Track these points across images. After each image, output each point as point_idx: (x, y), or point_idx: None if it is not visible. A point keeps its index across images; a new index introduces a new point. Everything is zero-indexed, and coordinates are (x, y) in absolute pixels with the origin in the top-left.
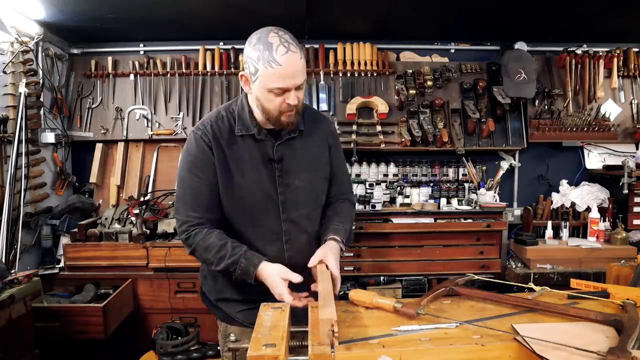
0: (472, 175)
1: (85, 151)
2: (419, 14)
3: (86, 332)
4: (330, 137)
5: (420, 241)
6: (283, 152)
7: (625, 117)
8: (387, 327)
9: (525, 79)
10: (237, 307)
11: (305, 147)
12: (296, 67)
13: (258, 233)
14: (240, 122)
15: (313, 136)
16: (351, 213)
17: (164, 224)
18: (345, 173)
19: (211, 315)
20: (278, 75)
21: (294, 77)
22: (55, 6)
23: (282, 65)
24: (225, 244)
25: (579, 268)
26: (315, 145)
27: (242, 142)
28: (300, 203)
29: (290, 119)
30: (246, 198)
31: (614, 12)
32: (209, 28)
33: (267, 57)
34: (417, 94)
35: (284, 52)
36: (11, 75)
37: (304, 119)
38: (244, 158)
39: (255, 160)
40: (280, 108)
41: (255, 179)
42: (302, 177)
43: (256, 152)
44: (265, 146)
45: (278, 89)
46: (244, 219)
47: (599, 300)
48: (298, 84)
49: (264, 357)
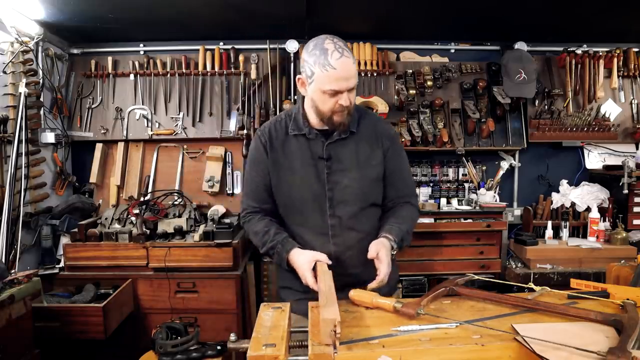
0: (472, 175)
1: (85, 151)
2: (419, 14)
3: (86, 332)
4: (386, 140)
5: (420, 241)
6: (332, 151)
7: (625, 117)
8: (387, 327)
9: (525, 79)
10: (295, 296)
11: (355, 148)
12: (349, 71)
13: (306, 227)
14: (294, 123)
15: (365, 138)
16: (411, 215)
17: (164, 224)
18: (405, 177)
19: (211, 315)
20: (332, 78)
21: (347, 79)
22: (55, 6)
23: (337, 69)
24: (269, 230)
25: (579, 268)
26: (367, 147)
27: (295, 142)
28: (348, 201)
29: (342, 119)
30: (295, 194)
31: (613, 12)
32: (209, 28)
33: (323, 62)
34: (417, 94)
35: (338, 56)
36: (11, 75)
37: (359, 122)
38: (295, 156)
39: (305, 159)
40: (333, 108)
41: (305, 176)
42: (350, 176)
43: (307, 150)
44: (316, 145)
45: (332, 91)
46: (294, 214)
47: (599, 300)
48: (350, 87)
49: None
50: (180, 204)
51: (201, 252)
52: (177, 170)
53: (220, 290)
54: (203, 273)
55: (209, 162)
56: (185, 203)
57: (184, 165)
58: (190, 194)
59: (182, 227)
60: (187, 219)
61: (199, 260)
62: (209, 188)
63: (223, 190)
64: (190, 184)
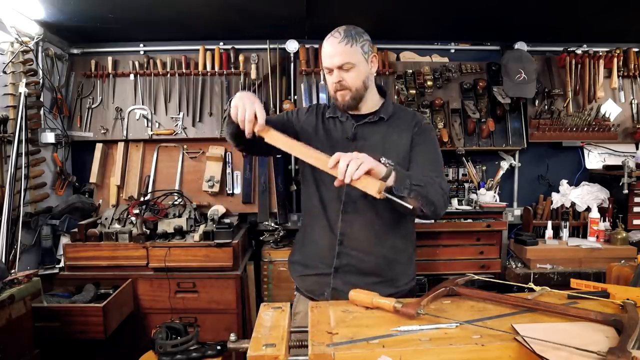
0: (472, 175)
1: (85, 151)
2: (418, 14)
3: (86, 332)
4: (417, 127)
5: (420, 241)
6: (360, 132)
7: (625, 117)
8: (387, 327)
9: (525, 79)
10: (299, 271)
11: (383, 133)
12: (333, 49)
13: (320, 197)
14: (332, 108)
15: (395, 125)
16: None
17: (164, 224)
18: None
19: (211, 315)
20: (324, 55)
21: (331, 57)
22: (55, 6)
23: (324, 47)
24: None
25: (579, 268)
26: (395, 133)
27: (332, 123)
28: None
29: (343, 100)
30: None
31: (613, 12)
32: (209, 28)
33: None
34: (417, 94)
35: (328, 37)
36: (11, 75)
37: (393, 112)
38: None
39: (337, 138)
40: (332, 87)
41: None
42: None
43: (339, 131)
44: (346, 126)
45: (325, 68)
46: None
47: (599, 300)
48: (335, 64)
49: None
50: (180, 204)
51: (201, 252)
52: (177, 170)
53: (220, 290)
54: (203, 273)
55: (209, 162)
56: (185, 203)
57: (184, 165)
58: (190, 194)
59: (182, 227)
60: (187, 219)
61: (199, 260)
62: (209, 188)
63: (223, 190)
64: (190, 184)
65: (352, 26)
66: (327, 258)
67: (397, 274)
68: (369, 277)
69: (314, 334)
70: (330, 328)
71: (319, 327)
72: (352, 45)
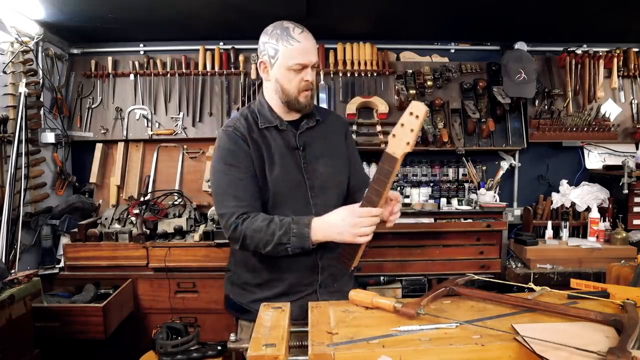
0: (472, 175)
1: (85, 151)
2: (418, 14)
3: (86, 332)
4: (345, 129)
5: (420, 241)
6: (305, 140)
7: (625, 117)
8: (387, 327)
9: (525, 79)
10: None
11: (324, 136)
12: (312, 44)
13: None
14: (262, 117)
15: (330, 127)
16: None
17: (164, 224)
18: (361, 166)
19: (211, 315)
20: (297, 51)
21: (310, 53)
22: (55, 6)
23: (301, 42)
24: (272, 219)
25: (579, 268)
26: (333, 135)
27: (269, 134)
28: (327, 188)
29: (307, 100)
30: (278, 184)
31: (613, 12)
32: (209, 28)
33: (286, 37)
34: (417, 94)
35: (300, 31)
36: (11, 75)
37: (320, 113)
38: (272, 148)
39: (282, 150)
40: (299, 87)
41: (284, 166)
42: (325, 164)
43: (281, 142)
44: (288, 136)
45: (298, 65)
46: (277, 205)
47: (599, 300)
48: (314, 61)
49: (264, 357)
50: (180, 204)
51: (201, 252)
52: (177, 170)
53: (220, 290)
54: (203, 273)
55: (209, 162)
56: (185, 203)
57: (184, 165)
58: (190, 194)
59: (182, 227)
60: (187, 219)
61: (199, 260)
62: (209, 188)
63: None
64: (190, 184)
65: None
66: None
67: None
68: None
69: (314, 334)
70: (330, 328)
71: (319, 327)
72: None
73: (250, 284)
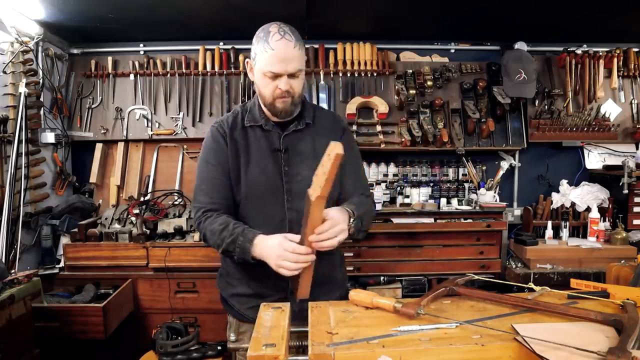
0: (472, 175)
1: (85, 151)
2: (419, 14)
3: (86, 332)
4: (341, 133)
5: (420, 241)
6: (289, 142)
7: (625, 117)
8: (387, 327)
9: (525, 79)
10: (249, 303)
11: (312, 140)
12: (287, 53)
13: (262, 220)
14: (250, 115)
15: (322, 130)
16: (366, 204)
17: (164, 224)
18: (357, 172)
19: (211, 315)
20: (270, 59)
21: (284, 62)
22: (55, 6)
23: (274, 49)
24: (227, 225)
25: (579, 268)
26: (323, 139)
27: (252, 133)
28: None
29: (284, 106)
30: (253, 185)
31: (613, 12)
32: (209, 28)
33: (263, 43)
34: (417, 94)
35: (278, 38)
36: (11, 75)
37: (315, 115)
38: (252, 147)
39: (263, 150)
40: (274, 93)
41: (262, 168)
42: (308, 168)
43: (264, 142)
44: (272, 137)
45: (270, 73)
46: (251, 207)
47: (599, 300)
48: (290, 71)
49: (264, 357)
50: (180, 204)
51: (201, 252)
52: (177, 170)
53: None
54: (203, 273)
55: None
56: (185, 203)
57: (184, 165)
58: (190, 194)
59: (182, 227)
60: (187, 219)
61: (199, 260)
62: None
63: None
64: (190, 184)
65: (288, 25)
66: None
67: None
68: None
69: (314, 334)
70: (330, 328)
71: (319, 327)
72: (301, 50)
73: (232, 276)
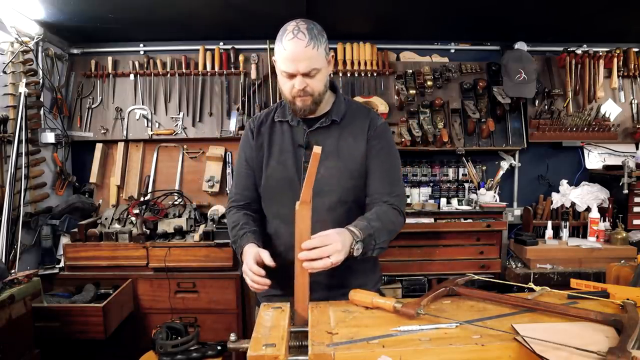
0: (472, 175)
1: (85, 151)
2: (419, 14)
3: (86, 332)
4: (372, 131)
5: (421, 241)
6: (313, 138)
7: (625, 117)
8: (387, 327)
9: (525, 79)
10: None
11: (337, 137)
12: (298, 53)
13: (276, 214)
14: (281, 110)
15: (350, 128)
16: (389, 215)
17: (164, 224)
18: (388, 172)
19: (211, 315)
20: (283, 59)
21: (296, 62)
22: (55, 6)
23: (287, 49)
24: (237, 224)
25: (579, 268)
26: (350, 138)
27: (279, 128)
28: (323, 192)
29: (304, 105)
30: (271, 179)
31: (613, 12)
32: (209, 28)
33: (279, 42)
34: (417, 94)
35: (290, 37)
36: (11, 75)
37: (346, 112)
38: (276, 142)
39: (286, 145)
40: (291, 92)
41: (282, 162)
42: (328, 166)
43: (289, 137)
44: (298, 133)
45: (285, 73)
46: (271, 204)
47: (599, 300)
48: (302, 71)
49: (264, 357)
50: (180, 204)
51: (201, 252)
52: (177, 170)
53: (220, 290)
54: (203, 273)
55: (208, 162)
56: (185, 203)
57: (184, 165)
58: (190, 194)
59: (182, 227)
60: (187, 219)
61: (199, 260)
62: (209, 188)
63: (223, 190)
64: (190, 184)
65: (309, 21)
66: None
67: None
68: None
69: (314, 334)
70: (330, 328)
71: (319, 327)
72: (318, 49)
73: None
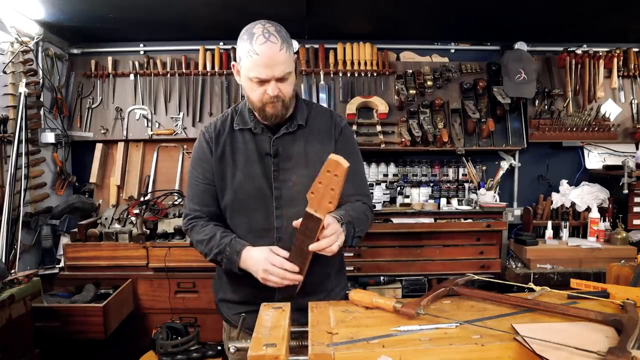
0: (472, 175)
1: (85, 151)
2: (419, 14)
3: (86, 332)
4: (337, 132)
5: (420, 241)
6: (280, 146)
7: (625, 117)
8: (387, 327)
9: (525, 79)
10: (235, 309)
11: (305, 143)
12: (273, 58)
13: (249, 228)
14: (240, 117)
15: (316, 133)
16: (363, 209)
17: (164, 224)
18: (356, 174)
19: (211, 315)
20: (255, 65)
21: (271, 67)
22: (55, 6)
23: (259, 54)
24: (214, 234)
25: (579, 268)
26: (317, 141)
27: (241, 137)
28: (296, 200)
29: (275, 111)
30: (239, 192)
31: (614, 12)
32: (209, 28)
33: (248, 47)
34: (417, 94)
35: (262, 41)
36: (11, 75)
37: (309, 116)
38: (240, 152)
39: (251, 155)
40: (262, 99)
41: (249, 173)
42: (299, 173)
43: (253, 146)
44: (262, 140)
45: (257, 79)
46: (238, 215)
47: (599, 300)
48: (277, 76)
49: (264, 357)
50: (180, 204)
51: None
52: (177, 170)
53: None
54: (203, 273)
55: None
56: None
57: (184, 165)
58: None
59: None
60: None
61: (199, 260)
62: None
63: None
64: None
65: (274, 23)
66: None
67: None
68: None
69: (314, 334)
70: (330, 328)
71: (319, 327)
72: (288, 51)
73: (222, 280)
